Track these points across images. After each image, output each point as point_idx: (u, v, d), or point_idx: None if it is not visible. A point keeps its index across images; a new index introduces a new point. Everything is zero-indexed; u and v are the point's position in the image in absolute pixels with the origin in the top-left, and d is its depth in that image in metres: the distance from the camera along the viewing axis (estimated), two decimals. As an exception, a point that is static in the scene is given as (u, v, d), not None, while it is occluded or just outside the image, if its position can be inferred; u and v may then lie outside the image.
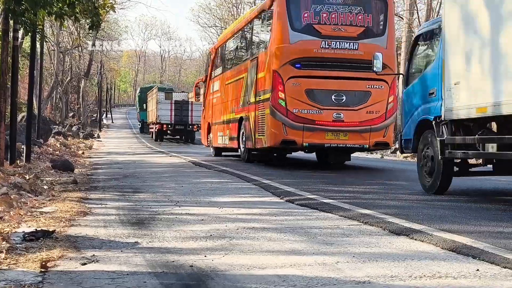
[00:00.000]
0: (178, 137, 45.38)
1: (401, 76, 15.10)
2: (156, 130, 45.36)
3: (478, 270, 4.66)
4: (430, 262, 4.93)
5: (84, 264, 4.87)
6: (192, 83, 70.68)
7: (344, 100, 15.38)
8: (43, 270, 4.65)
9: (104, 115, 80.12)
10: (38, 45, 21.97)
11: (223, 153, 22.56)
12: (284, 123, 15.27)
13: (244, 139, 18.08)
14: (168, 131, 44.62)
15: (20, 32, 18.17)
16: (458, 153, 9.38)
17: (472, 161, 10.33)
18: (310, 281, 4.34)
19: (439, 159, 9.71)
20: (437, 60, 10.20)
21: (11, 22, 13.85)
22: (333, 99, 15.36)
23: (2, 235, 5.79)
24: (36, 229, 6.12)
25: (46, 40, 30.38)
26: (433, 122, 10.05)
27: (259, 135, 16.36)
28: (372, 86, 15.35)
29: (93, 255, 5.19)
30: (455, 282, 4.33)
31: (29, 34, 17.46)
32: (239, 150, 18.98)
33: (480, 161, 10.07)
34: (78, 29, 48.40)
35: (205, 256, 5.17)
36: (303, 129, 15.22)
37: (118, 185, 12.01)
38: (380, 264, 4.89)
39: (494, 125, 9.90)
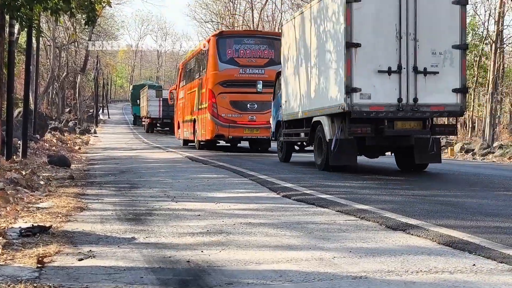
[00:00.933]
0: (167, 129, 49.34)
1: None
2: (147, 123, 53.62)
3: (474, 265, 4.67)
4: (426, 257, 4.94)
5: (81, 259, 4.87)
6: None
7: (255, 107, 23.37)
8: (39, 265, 4.65)
9: (101, 110, 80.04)
10: (34, 41, 21.95)
11: (189, 144, 29.38)
12: (216, 123, 23.29)
13: (196, 133, 26.13)
14: (158, 124, 51.90)
15: (16, 27, 18.14)
16: (291, 138, 17.12)
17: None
18: (307, 276, 4.35)
19: (283, 141, 17.60)
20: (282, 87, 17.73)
21: (7, 17, 13.83)
22: (248, 107, 23.45)
23: (-2, 231, 5.78)
24: (32, 225, 6.12)
25: (42, 35, 30.27)
26: (281, 122, 17.54)
27: (203, 131, 24.69)
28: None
29: (90, 250, 5.19)
30: (451, 277, 4.34)
31: (25, 29, 17.45)
32: (195, 141, 26.68)
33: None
34: (74, 25, 48.35)
35: (202, 251, 5.18)
36: (229, 127, 23.27)
37: (115, 180, 12.01)
38: (376, 259, 4.90)
39: (304, 123, 15.69)
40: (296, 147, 17.56)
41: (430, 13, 12.83)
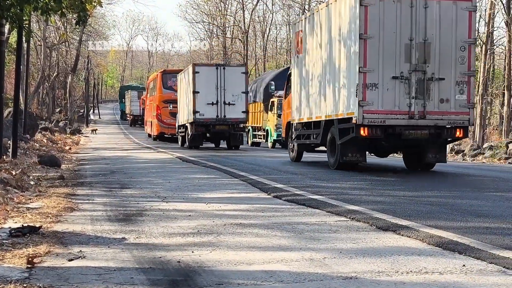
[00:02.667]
0: None
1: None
2: (130, 119, 67.60)
3: (464, 265, 4.68)
4: (416, 258, 4.95)
5: (71, 260, 4.86)
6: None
7: None
8: (29, 266, 4.63)
9: (91, 110, 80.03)
10: (24, 40, 21.85)
11: (150, 136, 42.11)
12: (161, 125, 37.32)
13: (152, 130, 40.13)
14: (138, 121, 62.64)
15: (6, 27, 18.05)
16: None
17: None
18: (297, 276, 4.35)
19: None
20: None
21: (-3, 17, 13.76)
22: None
23: (-12, 231, 5.76)
24: (22, 225, 6.09)
25: (33, 35, 30.21)
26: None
27: (154, 129, 39.18)
28: None
29: (80, 251, 5.17)
30: (441, 277, 4.35)
31: (15, 29, 17.38)
32: (151, 135, 41.04)
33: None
34: (65, 24, 48.17)
35: (193, 252, 5.17)
36: (168, 127, 36.38)
37: (105, 180, 11.99)
38: (367, 259, 4.91)
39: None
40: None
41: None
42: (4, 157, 14.93)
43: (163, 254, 5.08)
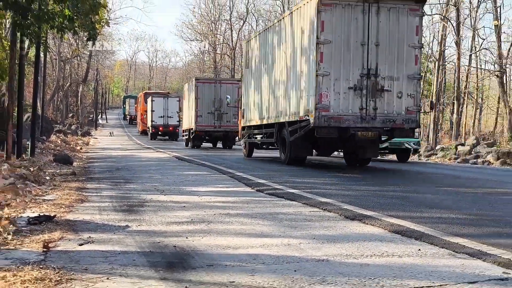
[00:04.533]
0: None
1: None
2: (129, 119, 76.24)
3: (419, 250, 4.70)
4: (379, 243, 4.97)
5: (81, 244, 4.83)
6: (175, 89, 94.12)
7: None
8: (45, 250, 4.60)
9: (100, 116, 79.69)
10: (41, 55, 21.69)
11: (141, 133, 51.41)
12: (143, 125, 51.35)
13: (138, 128, 55.14)
14: (134, 121, 69.00)
15: (26, 43, 17.93)
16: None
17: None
18: (277, 259, 4.35)
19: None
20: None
21: (18, 34, 13.68)
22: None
23: (9, 219, 5.72)
24: (39, 214, 6.05)
25: (49, 50, 29.99)
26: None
27: (140, 128, 54.29)
28: None
29: (89, 237, 5.14)
30: (400, 260, 4.36)
31: (34, 45, 17.25)
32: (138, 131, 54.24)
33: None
34: (77, 41, 47.89)
35: (187, 237, 5.15)
36: (146, 127, 48.34)
37: (112, 176, 11.92)
38: (336, 244, 4.91)
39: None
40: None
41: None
42: (24, 155, 14.84)
43: (161, 240, 5.05)
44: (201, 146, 30.61)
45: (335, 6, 12.94)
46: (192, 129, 30.06)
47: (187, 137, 32.52)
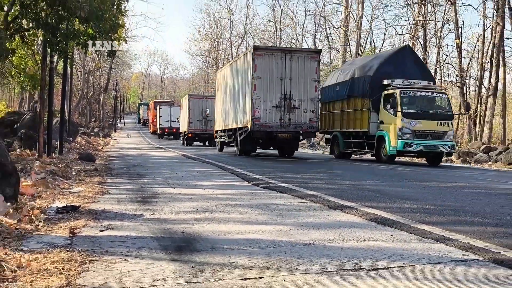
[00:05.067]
0: None
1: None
2: (142, 122, 77.74)
3: (392, 235, 4.72)
4: (357, 230, 4.98)
5: (102, 230, 4.82)
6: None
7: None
8: (71, 235, 4.60)
9: (118, 120, 79.62)
10: (68, 68, 21.66)
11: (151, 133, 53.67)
12: (153, 127, 54.52)
13: (150, 130, 57.55)
14: (146, 123, 71.43)
15: (55, 58, 17.92)
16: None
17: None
18: (270, 243, 4.36)
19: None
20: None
21: (49, 50, 13.67)
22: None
23: (40, 209, 5.72)
24: (66, 205, 6.05)
25: (75, 63, 29.92)
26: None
27: (151, 129, 56.36)
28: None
29: (109, 224, 5.14)
30: (375, 244, 4.38)
31: (62, 59, 17.22)
32: (150, 131, 58.17)
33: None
34: (99, 56, 47.87)
35: (193, 224, 5.15)
36: (155, 129, 52.12)
37: (128, 172, 11.90)
38: (321, 231, 4.92)
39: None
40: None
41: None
42: (53, 154, 14.82)
43: (171, 226, 5.05)
44: (193, 144, 34.68)
45: (264, 55, 17.49)
46: (186, 132, 34.44)
47: (182, 137, 36.96)
